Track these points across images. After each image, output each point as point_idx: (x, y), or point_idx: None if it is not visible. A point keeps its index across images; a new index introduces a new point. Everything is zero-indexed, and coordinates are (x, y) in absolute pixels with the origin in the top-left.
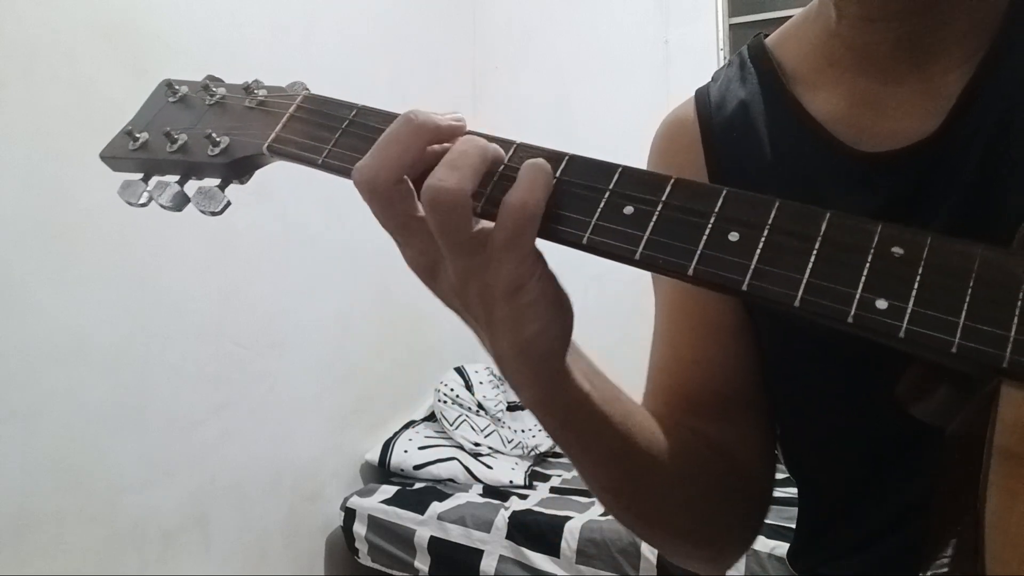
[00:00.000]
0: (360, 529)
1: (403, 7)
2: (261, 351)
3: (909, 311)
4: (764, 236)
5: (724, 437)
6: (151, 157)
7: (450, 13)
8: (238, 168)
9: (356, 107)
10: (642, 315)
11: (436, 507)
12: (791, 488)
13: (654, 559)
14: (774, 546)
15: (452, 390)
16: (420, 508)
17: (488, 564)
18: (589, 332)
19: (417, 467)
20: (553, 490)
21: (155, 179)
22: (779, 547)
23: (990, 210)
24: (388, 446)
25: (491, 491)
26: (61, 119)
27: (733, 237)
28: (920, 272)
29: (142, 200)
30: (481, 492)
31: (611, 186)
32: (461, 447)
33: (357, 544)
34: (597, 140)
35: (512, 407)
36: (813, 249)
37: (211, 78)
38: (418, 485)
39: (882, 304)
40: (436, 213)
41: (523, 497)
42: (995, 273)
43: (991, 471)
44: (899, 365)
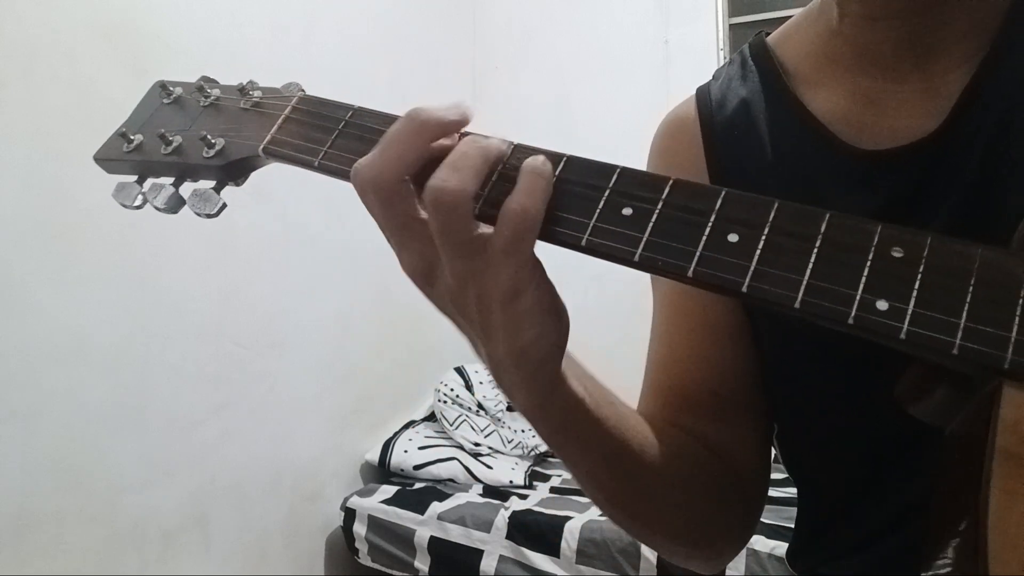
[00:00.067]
0: (360, 529)
1: (403, 7)
2: (261, 351)
3: (910, 312)
4: (763, 237)
5: (720, 437)
6: (145, 159)
7: (450, 13)
8: (233, 170)
9: (352, 108)
10: (642, 315)
11: (436, 507)
12: (791, 488)
13: (654, 559)
14: (774, 546)
15: (452, 390)
16: (420, 508)
17: (488, 564)
18: (589, 332)
19: (417, 467)
20: (553, 490)
21: (150, 181)
22: (779, 547)
23: (990, 210)
24: (388, 446)
25: (491, 491)
26: (61, 119)
27: (732, 238)
28: (920, 273)
29: (136, 202)
30: (481, 492)
31: (610, 187)
32: (461, 447)
33: (357, 544)
34: (597, 140)
35: (512, 407)
36: (813, 250)
37: (205, 79)
38: (418, 485)
39: (883, 305)
40: (438, 214)
41: (523, 497)
42: (995, 273)
43: (992, 472)
44: (899, 365)
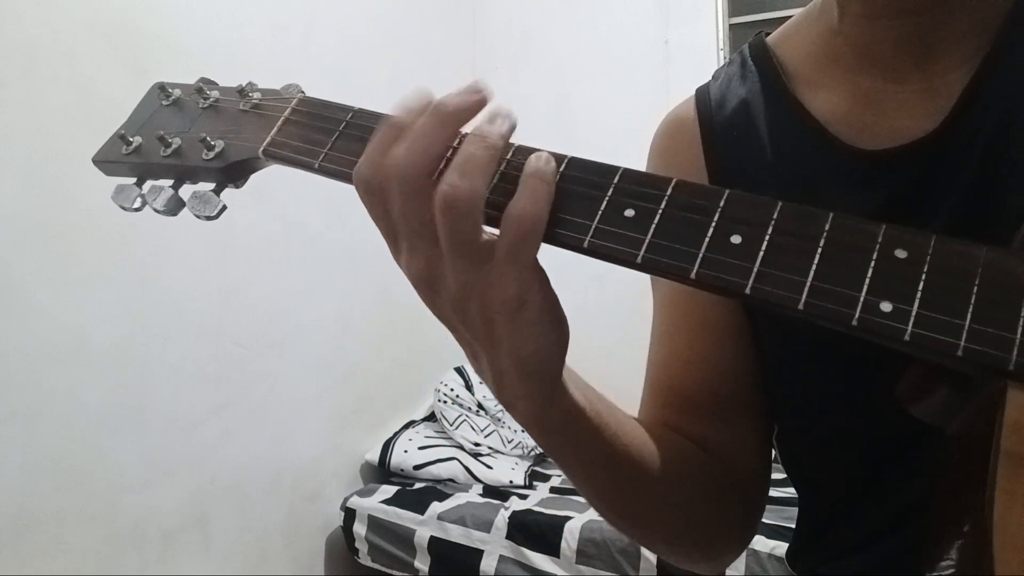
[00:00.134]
0: (360, 529)
1: (403, 7)
2: (261, 351)
3: (914, 314)
4: (766, 238)
5: (721, 437)
6: (145, 161)
7: (450, 13)
8: (233, 172)
9: (352, 110)
10: (642, 315)
11: (436, 507)
12: (791, 488)
13: (654, 559)
14: (774, 546)
15: (452, 390)
16: (420, 508)
17: (488, 564)
18: (589, 332)
19: (417, 467)
20: (553, 490)
21: (149, 183)
22: (779, 547)
23: (990, 210)
24: (388, 446)
25: (491, 491)
26: (61, 119)
27: (735, 239)
28: (924, 274)
29: (136, 204)
30: (481, 492)
31: (612, 188)
32: (461, 447)
33: (357, 544)
34: (597, 140)
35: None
36: (816, 251)
37: (204, 81)
38: (418, 485)
39: (887, 307)
40: (449, 218)
41: (523, 497)
42: (998, 274)
43: (996, 473)
44: (898, 365)
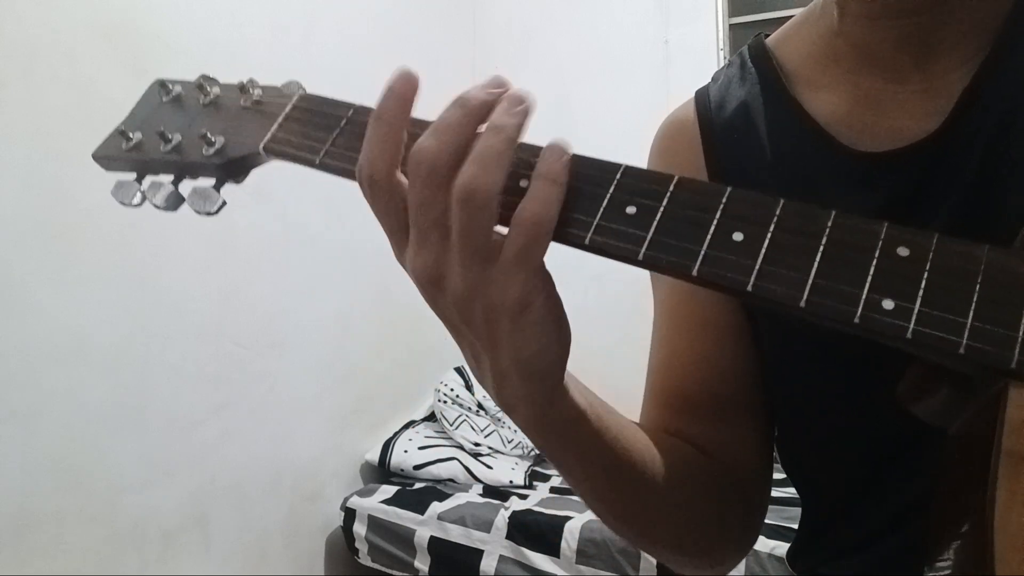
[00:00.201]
0: (360, 529)
1: (403, 7)
2: (261, 351)
3: (916, 312)
4: (768, 236)
5: (721, 438)
6: (145, 157)
7: (450, 13)
8: (233, 168)
9: (353, 106)
10: (642, 315)
11: (436, 507)
12: (791, 488)
13: (654, 559)
14: (774, 546)
15: (452, 390)
16: (420, 508)
17: (488, 564)
18: (589, 332)
19: (417, 467)
20: (553, 490)
21: (149, 179)
22: (779, 547)
23: (990, 210)
24: (388, 446)
25: (491, 491)
26: (61, 119)
27: (737, 237)
28: (926, 272)
29: (135, 200)
30: (481, 492)
31: (613, 185)
32: (461, 447)
33: (357, 544)
34: (597, 140)
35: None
36: (818, 249)
37: (205, 78)
38: (418, 485)
39: (889, 305)
40: (466, 210)
41: (523, 497)
42: (1000, 273)
43: (998, 474)
44: (899, 365)
